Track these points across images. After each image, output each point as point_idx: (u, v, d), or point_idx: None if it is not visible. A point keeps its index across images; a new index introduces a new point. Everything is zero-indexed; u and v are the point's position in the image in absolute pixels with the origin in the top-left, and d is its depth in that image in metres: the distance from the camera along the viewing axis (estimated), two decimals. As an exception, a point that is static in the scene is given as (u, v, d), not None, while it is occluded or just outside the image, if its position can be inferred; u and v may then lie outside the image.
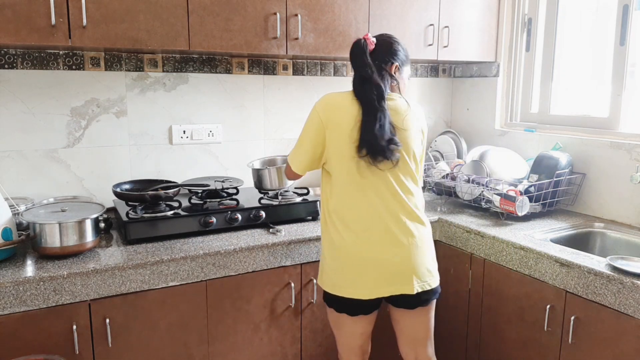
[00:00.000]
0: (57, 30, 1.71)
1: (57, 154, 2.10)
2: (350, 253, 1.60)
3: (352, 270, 1.61)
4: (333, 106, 1.62)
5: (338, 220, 1.62)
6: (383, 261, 1.60)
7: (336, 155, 1.60)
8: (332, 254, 1.64)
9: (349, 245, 1.60)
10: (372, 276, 1.61)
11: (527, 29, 2.65)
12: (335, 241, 1.62)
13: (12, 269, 1.58)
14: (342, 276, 1.62)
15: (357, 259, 1.60)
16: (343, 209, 1.62)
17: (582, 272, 1.70)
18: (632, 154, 2.14)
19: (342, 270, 1.62)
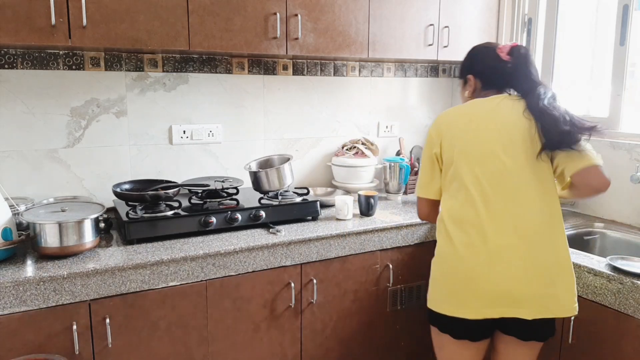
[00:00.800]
0: (57, 30, 1.71)
1: (57, 154, 2.10)
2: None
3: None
4: None
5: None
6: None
7: None
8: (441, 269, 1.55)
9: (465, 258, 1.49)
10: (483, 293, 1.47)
11: (527, 29, 2.65)
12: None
13: (12, 269, 1.58)
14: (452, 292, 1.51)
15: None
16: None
17: (582, 272, 1.70)
18: (632, 154, 2.14)
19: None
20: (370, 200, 2.18)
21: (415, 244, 2.17)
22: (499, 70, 1.59)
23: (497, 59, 1.59)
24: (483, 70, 1.63)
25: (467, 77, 1.66)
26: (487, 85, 1.62)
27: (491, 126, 1.50)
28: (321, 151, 2.69)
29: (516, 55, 1.57)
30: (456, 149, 1.53)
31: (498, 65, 1.59)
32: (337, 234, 1.98)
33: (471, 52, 1.71)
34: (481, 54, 1.66)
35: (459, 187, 1.51)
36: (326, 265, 2.00)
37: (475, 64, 1.65)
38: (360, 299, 2.11)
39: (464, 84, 1.69)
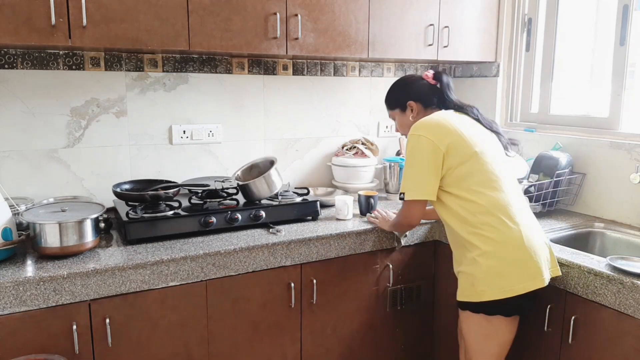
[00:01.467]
0: (57, 30, 1.71)
1: (57, 154, 2.10)
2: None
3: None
4: None
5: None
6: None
7: None
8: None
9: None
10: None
11: (527, 29, 2.65)
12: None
13: (12, 269, 1.58)
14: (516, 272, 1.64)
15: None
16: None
17: (582, 272, 1.70)
18: (632, 154, 2.14)
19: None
20: (370, 200, 2.18)
21: (415, 244, 2.17)
22: (432, 92, 1.86)
23: (428, 84, 1.87)
24: (420, 94, 1.86)
25: (408, 103, 1.86)
26: (427, 105, 1.85)
27: (471, 131, 1.72)
28: (321, 151, 2.69)
29: (441, 79, 1.85)
30: (463, 148, 1.67)
31: (430, 88, 1.86)
32: (337, 234, 1.98)
33: (401, 85, 1.93)
34: (412, 83, 1.90)
35: (482, 181, 1.67)
36: (326, 265, 2.00)
37: (411, 92, 1.87)
38: (360, 299, 2.11)
39: (403, 111, 1.89)
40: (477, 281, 1.65)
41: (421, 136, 1.68)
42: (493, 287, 1.63)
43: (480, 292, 1.65)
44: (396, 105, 1.91)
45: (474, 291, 1.67)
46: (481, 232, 1.64)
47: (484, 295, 1.65)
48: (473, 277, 1.66)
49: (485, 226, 1.64)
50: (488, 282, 1.64)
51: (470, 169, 1.67)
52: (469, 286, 1.69)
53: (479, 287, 1.65)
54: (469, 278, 1.68)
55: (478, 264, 1.64)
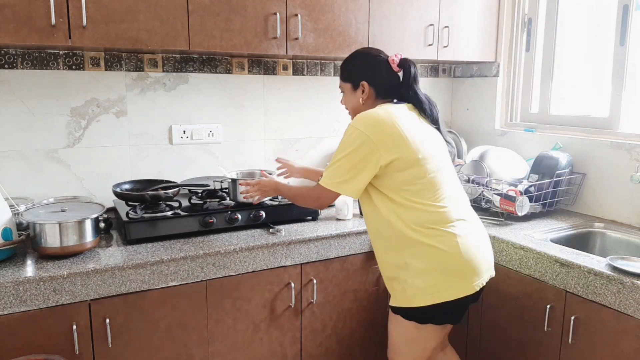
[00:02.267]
0: (57, 30, 1.71)
1: (57, 154, 2.10)
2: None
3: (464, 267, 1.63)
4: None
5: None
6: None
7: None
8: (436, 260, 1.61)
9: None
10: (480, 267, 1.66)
11: (527, 29, 2.65)
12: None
13: (12, 269, 1.58)
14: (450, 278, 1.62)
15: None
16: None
17: (582, 272, 1.70)
18: (632, 154, 2.14)
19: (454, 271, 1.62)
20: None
21: (415, 244, 2.17)
22: (392, 80, 1.70)
23: (390, 71, 1.70)
24: (379, 78, 1.70)
25: (362, 83, 1.70)
26: (380, 95, 1.71)
27: (417, 134, 1.61)
28: (321, 151, 2.69)
29: (406, 68, 1.69)
30: (405, 154, 1.57)
31: (392, 76, 1.70)
32: (337, 234, 1.98)
33: (365, 58, 1.74)
34: (376, 63, 1.71)
35: (423, 190, 1.60)
36: (326, 265, 2.00)
37: (370, 72, 1.70)
38: (360, 299, 2.11)
39: (353, 88, 1.73)
40: (407, 287, 1.62)
41: (362, 132, 1.56)
42: (423, 293, 1.60)
43: (410, 297, 1.62)
44: (349, 79, 1.74)
45: (405, 296, 1.64)
46: (416, 241, 1.59)
47: (414, 300, 1.62)
48: (404, 282, 1.62)
49: (421, 236, 1.58)
50: (418, 287, 1.60)
51: (411, 176, 1.58)
52: (400, 291, 1.65)
53: (409, 291, 1.62)
54: (400, 283, 1.64)
55: (407, 269, 1.61)
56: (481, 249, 1.66)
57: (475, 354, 2.16)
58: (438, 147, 1.67)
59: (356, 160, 1.57)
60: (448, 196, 1.63)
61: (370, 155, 1.56)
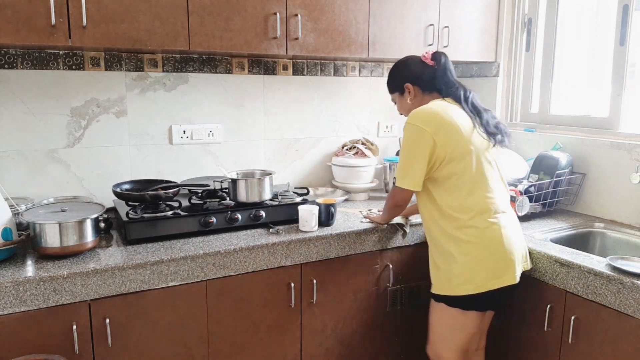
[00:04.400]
0: (57, 30, 1.71)
1: (57, 154, 2.10)
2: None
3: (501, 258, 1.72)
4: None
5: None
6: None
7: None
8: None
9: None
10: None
11: (527, 29, 2.65)
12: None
13: (12, 269, 1.58)
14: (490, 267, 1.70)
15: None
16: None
17: (582, 272, 1.70)
18: (632, 154, 2.14)
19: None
20: (330, 209, 2.04)
21: (415, 244, 2.17)
22: (430, 74, 1.81)
23: (426, 66, 1.82)
24: (417, 76, 1.83)
25: (405, 86, 1.84)
26: (425, 89, 1.82)
27: (468, 126, 1.71)
28: (321, 151, 2.69)
29: (439, 60, 1.81)
30: (459, 145, 1.68)
31: (428, 70, 1.82)
32: (337, 234, 1.98)
33: (398, 67, 1.90)
34: (410, 64, 1.86)
35: (471, 181, 1.69)
36: (326, 265, 2.00)
37: (408, 74, 1.85)
38: (360, 299, 2.11)
39: (401, 94, 1.88)
40: (453, 276, 1.71)
41: (417, 126, 1.68)
42: (468, 282, 1.69)
43: (455, 287, 1.71)
44: (395, 89, 1.90)
45: (450, 285, 1.73)
46: (463, 230, 1.69)
47: (459, 289, 1.71)
48: (450, 272, 1.72)
49: (467, 227, 1.68)
50: (464, 277, 1.69)
51: (462, 167, 1.68)
52: (445, 280, 1.74)
53: (455, 281, 1.71)
54: (445, 273, 1.74)
55: (455, 259, 1.70)
56: (519, 240, 1.77)
57: (475, 354, 2.15)
58: (482, 140, 1.73)
59: (415, 154, 1.68)
60: (494, 188, 1.73)
61: (427, 146, 1.67)
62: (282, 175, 2.59)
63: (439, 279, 1.78)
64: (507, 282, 1.71)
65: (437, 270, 1.79)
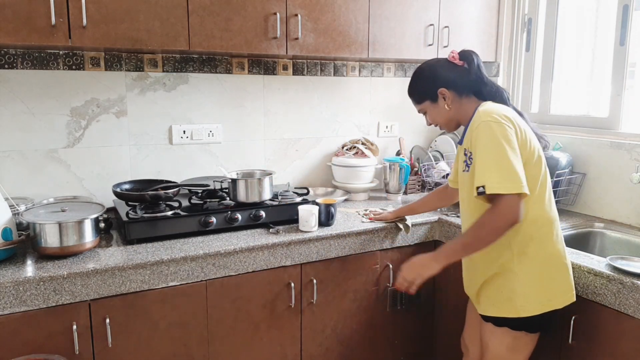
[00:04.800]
0: (57, 30, 1.71)
1: (57, 154, 2.10)
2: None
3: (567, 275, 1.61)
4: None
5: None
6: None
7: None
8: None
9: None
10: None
11: (527, 29, 2.65)
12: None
13: (12, 269, 1.58)
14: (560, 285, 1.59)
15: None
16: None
17: (582, 272, 1.70)
18: (632, 154, 2.14)
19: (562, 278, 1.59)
20: (330, 209, 2.04)
21: (416, 244, 2.17)
22: (463, 75, 1.63)
23: (456, 67, 1.64)
24: (450, 80, 1.63)
25: (439, 91, 1.64)
26: (461, 91, 1.63)
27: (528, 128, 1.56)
28: (321, 151, 2.69)
29: (469, 59, 1.64)
30: (532, 148, 1.52)
31: (459, 71, 1.63)
32: (337, 234, 1.98)
33: (425, 72, 1.69)
34: (439, 68, 1.66)
35: (541, 188, 1.54)
36: (326, 265, 2.00)
37: (439, 78, 1.64)
38: (360, 299, 2.11)
39: (433, 102, 1.67)
40: (515, 296, 1.53)
41: (502, 123, 1.45)
42: (534, 301, 1.54)
43: (519, 307, 1.54)
44: (425, 97, 1.68)
45: (513, 306, 1.55)
46: (526, 242, 1.52)
47: (524, 310, 1.54)
48: (511, 291, 1.54)
49: (532, 238, 1.53)
50: (528, 295, 1.53)
51: (533, 172, 1.50)
52: (506, 301, 1.55)
53: (519, 301, 1.53)
54: (504, 292, 1.55)
55: (515, 274, 1.53)
56: (570, 262, 1.65)
57: (475, 354, 2.15)
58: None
59: (513, 150, 1.43)
60: (552, 199, 1.59)
61: (516, 141, 1.46)
62: (282, 175, 2.59)
63: (496, 297, 1.59)
64: (570, 300, 1.60)
65: (489, 289, 1.60)
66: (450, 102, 1.64)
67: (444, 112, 1.66)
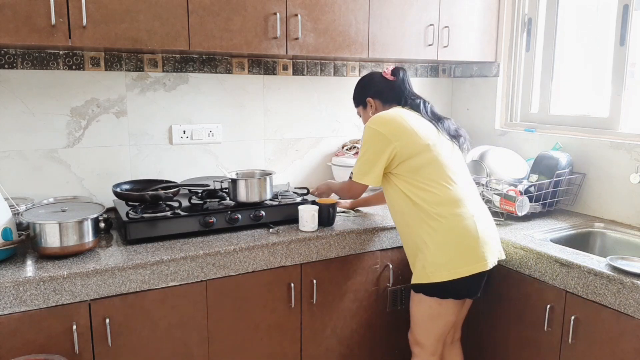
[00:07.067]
0: (57, 30, 1.71)
1: (57, 154, 2.10)
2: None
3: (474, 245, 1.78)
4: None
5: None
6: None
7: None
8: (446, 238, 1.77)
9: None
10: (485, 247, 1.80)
11: (527, 29, 2.65)
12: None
13: (12, 269, 1.58)
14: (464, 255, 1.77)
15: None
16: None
17: (582, 272, 1.70)
18: (632, 154, 2.14)
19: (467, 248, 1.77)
20: (330, 209, 2.04)
21: (415, 244, 2.17)
22: (390, 88, 1.95)
23: (385, 80, 1.96)
24: (378, 91, 1.96)
25: (367, 100, 1.98)
26: (386, 101, 1.95)
27: (422, 126, 1.82)
28: (321, 151, 2.69)
29: (398, 74, 1.95)
30: (415, 143, 1.78)
31: (388, 84, 1.95)
32: (337, 234, 1.98)
33: (361, 83, 2.03)
34: (371, 80, 2.00)
35: (436, 173, 1.78)
36: (326, 265, 2.00)
37: (369, 89, 1.99)
38: (360, 299, 2.11)
39: (364, 108, 2.01)
40: (427, 264, 1.77)
41: (374, 129, 1.80)
42: (441, 269, 1.75)
43: (429, 274, 1.76)
44: (359, 103, 2.03)
45: (425, 273, 1.78)
46: (434, 219, 1.75)
47: (433, 276, 1.76)
48: (424, 260, 1.78)
49: (437, 215, 1.75)
50: (436, 264, 1.75)
51: (423, 160, 1.77)
52: (420, 269, 1.80)
53: (428, 269, 1.77)
54: (420, 261, 1.79)
55: (427, 247, 1.76)
56: (491, 229, 1.84)
57: (476, 354, 2.15)
58: (440, 138, 1.84)
59: (373, 154, 1.80)
60: (459, 180, 1.81)
61: (385, 147, 1.77)
62: (282, 175, 2.59)
63: (415, 268, 1.83)
64: (479, 269, 1.76)
65: (412, 260, 1.86)
66: (375, 110, 1.97)
67: (369, 117, 1.93)
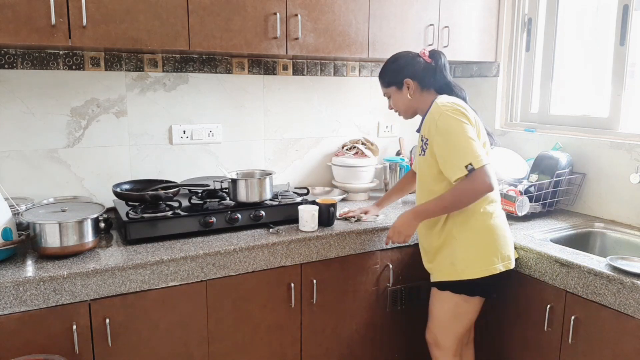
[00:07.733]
0: (57, 30, 1.71)
1: (57, 154, 2.10)
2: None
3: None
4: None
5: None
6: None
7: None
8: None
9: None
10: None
11: (527, 29, 2.65)
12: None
13: (12, 269, 1.58)
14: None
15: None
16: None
17: (582, 272, 1.70)
18: (632, 154, 2.14)
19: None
20: (330, 209, 2.03)
21: (415, 244, 2.17)
22: (431, 72, 1.82)
23: (425, 63, 1.83)
24: (417, 72, 1.82)
25: (405, 81, 1.82)
26: (424, 86, 1.83)
27: (480, 121, 1.79)
28: (321, 151, 2.69)
29: (436, 58, 1.83)
30: (482, 135, 1.75)
31: (427, 67, 1.83)
32: (337, 234, 1.98)
33: (398, 61, 1.86)
34: (412, 60, 1.84)
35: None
36: (326, 265, 2.00)
37: (408, 69, 1.83)
38: (360, 299, 2.11)
39: (399, 89, 1.85)
40: (457, 260, 1.74)
41: (456, 119, 1.66)
42: (473, 265, 1.72)
43: (460, 271, 1.74)
44: (392, 82, 1.86)
45: (454, 270, 1.75)
46: (472, 215, 1.72)
47: (464, 273, 1.73)
48: (453, 255, 1.75)
49: (471, 210, 1.72)
50: (467, 260, 1.72)
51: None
52: (449, 265, 1.76)
53: (458, 265, 1.73)
54: (448, 257, 1.76)
55: (457, 242, 1.73)
56: (510, 234, 1.84)
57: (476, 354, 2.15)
58: (484, 134, 1.79)
59: (472, 135, 1.66)
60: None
61: (473, 130, 1.68)
62: (282, 175, 2.59)
63: (441, 264, 1.80)
64: (508, 267, 1.77)
65: (436, 256, 1.81)
66: (413, 92, 1.83)
67: (405, 100, 1.85)
